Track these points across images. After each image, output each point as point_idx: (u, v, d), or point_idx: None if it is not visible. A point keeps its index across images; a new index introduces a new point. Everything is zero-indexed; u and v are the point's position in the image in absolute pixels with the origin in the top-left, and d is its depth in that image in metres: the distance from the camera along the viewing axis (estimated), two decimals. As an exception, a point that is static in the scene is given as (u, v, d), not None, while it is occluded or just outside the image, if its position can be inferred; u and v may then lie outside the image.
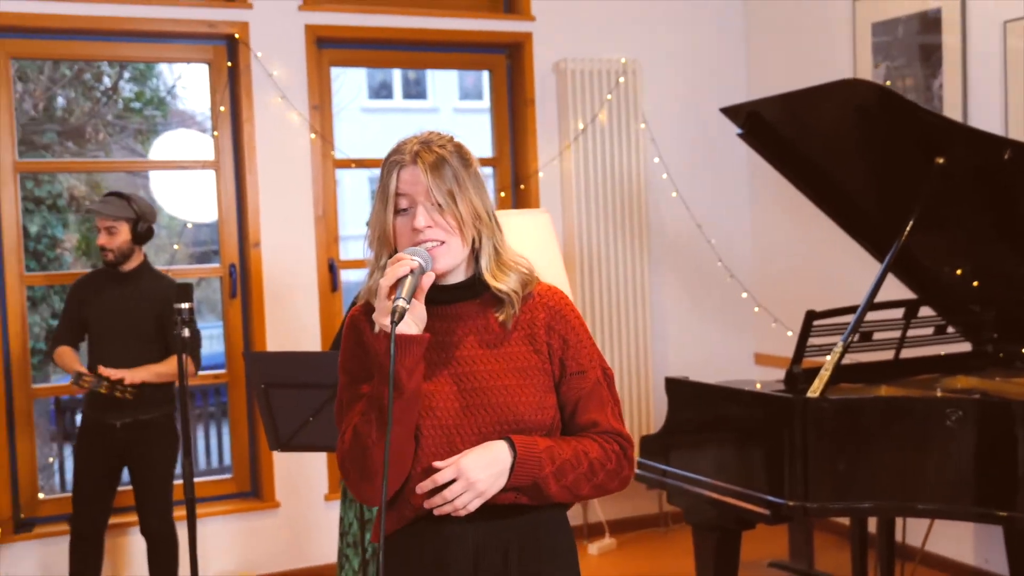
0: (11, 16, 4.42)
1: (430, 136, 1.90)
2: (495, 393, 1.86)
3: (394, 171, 1.85)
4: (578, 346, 1.94)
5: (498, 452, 1.82)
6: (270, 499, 4.81)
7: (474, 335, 1.90)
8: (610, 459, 1.93)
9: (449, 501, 1.80)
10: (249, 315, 4.86)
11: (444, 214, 1.83)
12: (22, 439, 4.54)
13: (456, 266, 1.88)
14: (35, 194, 8.83)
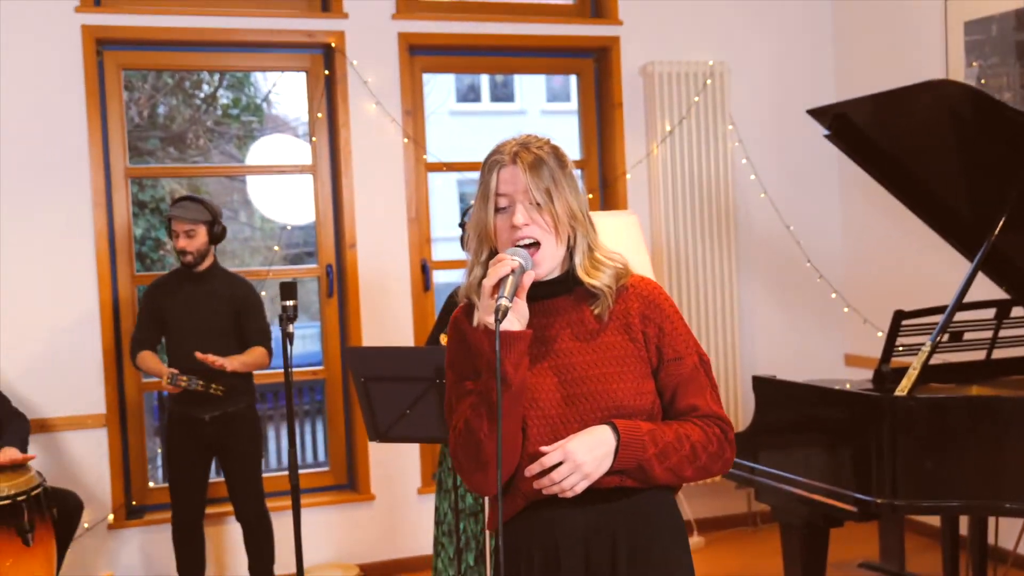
0: (122, 29, 4.67)
1: (528, 138, 2.00)
2: (594, 382, 1.94)
3: (494, 171, 1.95)
4: (673, 334, 2.00)
5: (602, 435, 1.89)
6: (365, 492, 4.97)
7: (571, 328, 1.98)
8: (712, 442, 1.98)
9: (557, 483, 1.88)
10: (345, 313, 5.03)
11: (541, 212, 1.92)
12: (133, 431, 4.78)
13: (554, 265, 1.97)
14: (139, 198, 9.21)
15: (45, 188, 4.56)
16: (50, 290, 4.57)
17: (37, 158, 4.55)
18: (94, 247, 4.63)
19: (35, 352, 4.54)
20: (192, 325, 4.26)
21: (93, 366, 4.63)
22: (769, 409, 3.69)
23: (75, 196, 4.61)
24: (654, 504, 1.99)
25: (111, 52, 4.73)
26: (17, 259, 4.52)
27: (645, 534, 1.97)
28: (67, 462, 4.57)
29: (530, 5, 5.45)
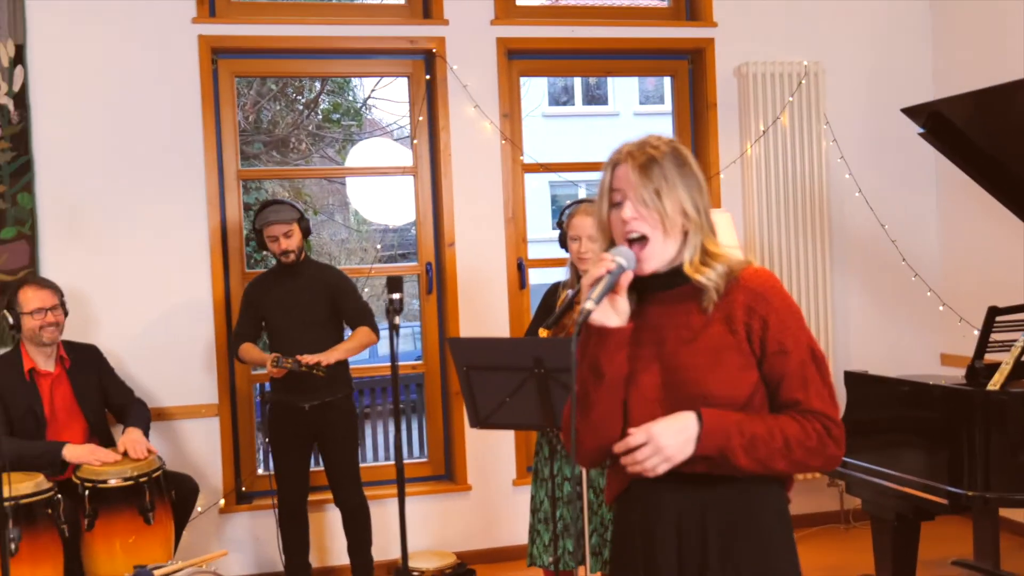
0: (235, 39, 4.91)
1: (648, 139, 2.09)
2: (689, 371, 2.02)
3: (610, 168, 2.07)
4: (780, 326, 2.02)
5: (686, 421, 1.96)
6: (462, 482, 5.13)
7: (676, 319, 2.06)
8: (810, 437, 1.97)
9: (639, 462, 1.97)
10: (444, 310, 5.20)
11: (650, 209, 2.02)
12: (243, 420, 5.03)
13: (663, 261, 2.05)
14: (244, 200, 9.56)
15: (164, 189, 4.83)
16: (167, 286, 4.83)
17: (157, 161, 4.82)
18: (208, 245, 4.89)
19: (154, 344, 4.81)
20: (291, 317, 4.47)
21: (206, 358, 4.88)
22: (861, 404, 3.74)
23: (191, 197, 4.87)
24: (751, 494, 2.03)
25: (225, 60, 4.98)
26: (138, 257, 4.80)
27: (739, 522, 2.02)
28: (183, 449, 4.83)
29: (625, 9, 5.56)
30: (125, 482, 3.90)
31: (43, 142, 4.69)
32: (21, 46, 4.64)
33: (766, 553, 2.04)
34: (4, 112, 4.63)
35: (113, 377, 4.48)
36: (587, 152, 12.36)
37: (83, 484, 3.90)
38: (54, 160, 4.71)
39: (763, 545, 2.04)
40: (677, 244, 2.04)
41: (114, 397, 4.43)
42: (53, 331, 4.19)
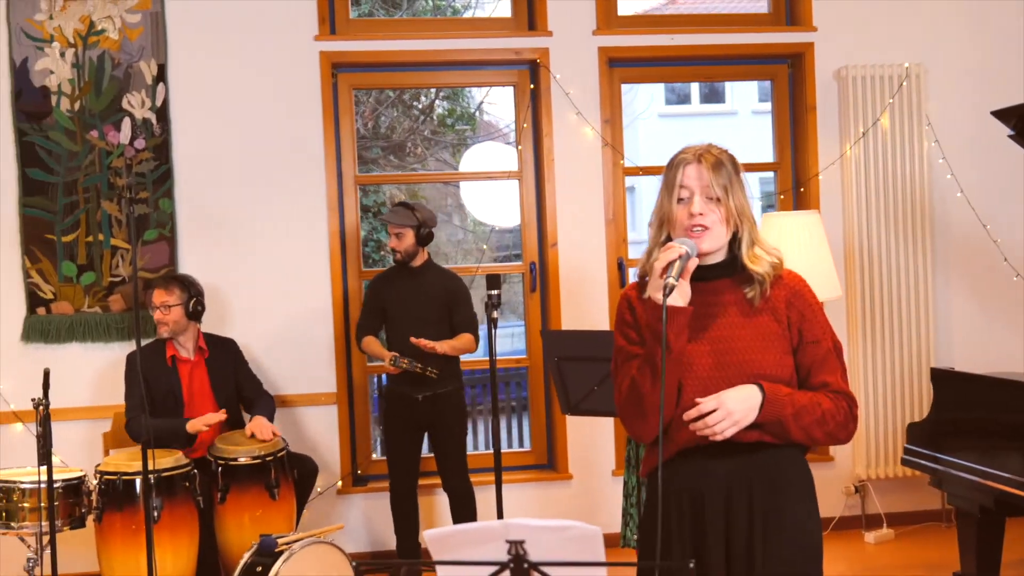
0: (354, 54, 5.28)
1: (710, 145, 2.38)
2: (743, 353, 2.30)
3: (680, 167, 2.34)
4: (813, 320, 2.34)
5: (750, 391, 2.25)
6: (564, 471, 5.39)
7: (728, 307, 2.34)
8: (839, 412, 2.31)
9: (711, 426, 2.23)
10: (547, 307, 5.47)
11: (717, 205, 2.28)
12: (359, 409, 5.39)
13: (717, 249, 2.33)
14: (362, 203, 10.01)
15: (288, 194, 5.23)
16: (292, 284, 5.23)
17: (282, 168, 5.23)
18: (328, 246, 5.27)
19: (278, 338, 5.22)
20: (409, 314, 4.81)
21: (326, 351, 5.26)
22: (947, 399, 3.83)
23: (313, 201, 5.25)
24: (788, 460, 2.34)
25: (344, 74, 5.36)
26: (265, 257, 5.21)
27: (778, 485, 2.31)
28: (304, 433, 5.23)
29: (725, 16, 5.73)
30: (253, 460, 4.30)
31: (182, 152, 5.15)
32: (163, 65, 5.11)
33: (802, 511, 2.34)
34: (148, 125, 5.09)
35: (246, 370, 4.89)
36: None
37: (216, 461, 4.32)
38: (191, 168, 5.16)
39: (799, 504, 2.33)
40: (728, 237, 2.32)
41: (245, 388, 4.84)
42: (162, 328, 4.61)
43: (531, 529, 1.74)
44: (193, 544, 4.22)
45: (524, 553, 1.71)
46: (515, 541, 1.72)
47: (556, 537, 1.73)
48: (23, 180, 5.04)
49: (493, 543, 1.70)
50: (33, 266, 5.06)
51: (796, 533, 2.31)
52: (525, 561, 1.70)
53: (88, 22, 5.05)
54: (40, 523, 4.01)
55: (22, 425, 5.02)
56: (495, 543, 1.70)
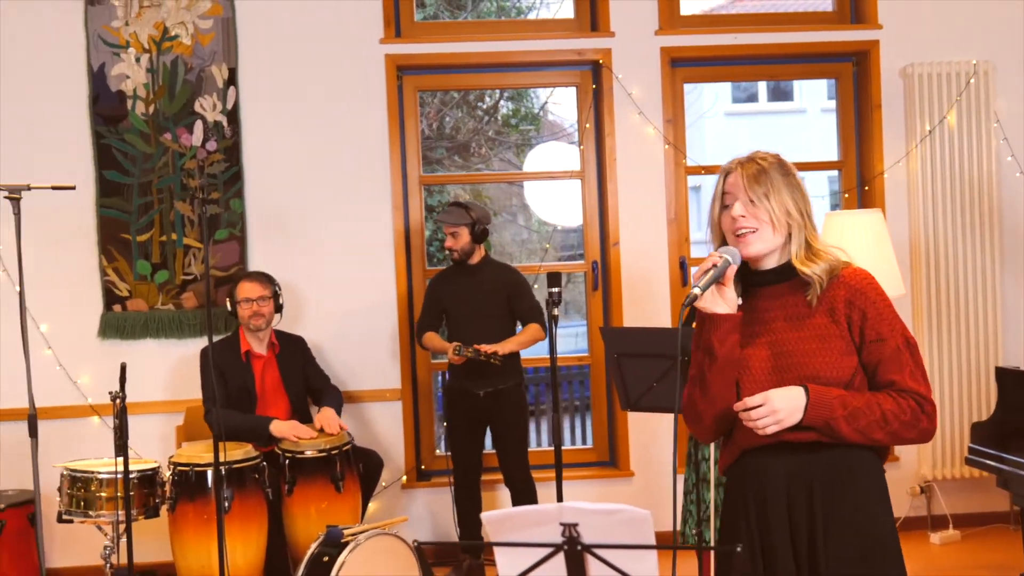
0: (419, 56, 5.38)
1: (755, 153, 2.41)
2: (798, 356, 2.32)
3: (722, 177, 2.39)
4: (877, 318, 2.31)
5: (796, 392, 2.26)
6: (625, 468, 5.43)
7: (784, 310, 2.36)
8: (904, 412, 2.26)
9: (754, 420, 2.25)
10: (609, 305, 5.51)
11: (757, 209, 2.31)
12: (423, 405, 5.49)
13: (767, 252, 2.36)
14: (427, 202, 10.14)
15: (354, 194, 5.34)
16: (357, 282, 5.34)
17: (348, 168, 5.34)
18: (393, 245, 5.37)
19: (345, 335, 5.33)
20: (469, 310, 4.89)
21: (391, 348, 5.37)
22: (1013, 399, 3.80)
23: (378, 201, 5.36)
24: (851, 459, 2.31)
25: (409, 76, 5.46)
26: (332, 256, 5.33)
27: (840, 483, 2.30)
28: (370, 429, 5.33)
29: (789, 15, 5.70)
30: (319, 453, 4.41)
31: (252, 154, 5.29)
32: (233, 69, 5.25)
33: (866, 512, 2.30)
34: (219, 128, 5.24)
35: (314, 365, 5.01)
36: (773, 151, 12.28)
37: (283, 454, 4.43)
38: (261, 169, 5.29)
39: (863, 505, 2.31)
40: (781, 240, 2.34)
41: (314, 382, 4.96)
42: (259, 320, 4.75)
43: (584, 512, 1.79)
44: (262, 534, 4.34)
45: (578, 536, 1.76)
46: (569, 524, 1.77)
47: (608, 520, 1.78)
48: (100, 182, 5.22)
49: (548, 525, 1.76)
50: (109, 265, 5.24)
51: (861, 534, 2.30)
52: (579, 543, 1.75)
53: (162, 28, 5.21)
54: (116, 512, 4.16)
55: (99, 418, 5.20)
56: (550, 526, 1.76)
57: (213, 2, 5.23)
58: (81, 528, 4.82)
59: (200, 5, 5.22)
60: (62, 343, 5.22)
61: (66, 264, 5.22)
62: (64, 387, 5.20)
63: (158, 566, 5.08)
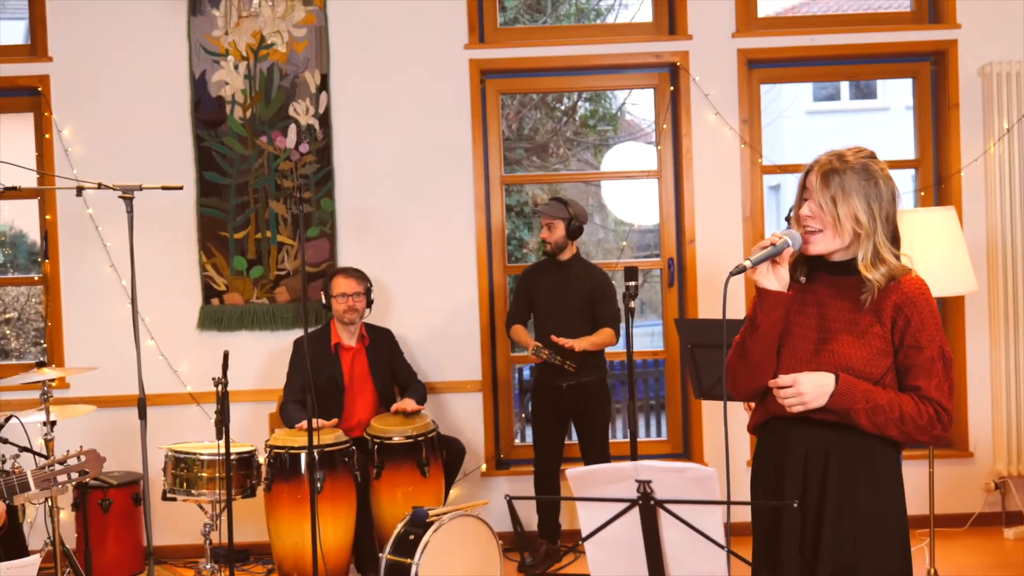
0: (501, 61, 5.58)
1: (843, 151, 2.54)
2: (839, 345, 2.50)
3: (806, 172, 2.56)
4: (920, 327, 2.47)
5: (826, 379, 2.45)
6: (699, 461, 5.55)
7: (838, 300, 2.54)
8: (922, 417, 2.44)
9: (783, 398, 2.45)
10: (684, 302, 5.64)
11: (824, 211, 2.47)
12: (502, 396, 5.69)
13: (829, 252, 2.53)
14: (506, 203, 10.36)
15: (438, 194, 5.57)
16: (441, 278, 5.56)
17: (432, 169, 5.56)
18: (475, 243, 5.58)
19: (430, 329, 5.56)
20: (555, 306, 5.08)
21: (472, 341, 5.58)
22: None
23: (461, 200, 5.57)
24: (870, 445, 2.49)
25: (492, 80, 5.66)
26: (417, 253, 5.56)
27: (856, 466, 2.48)
28: (452, 418, 5.55)
29: (866, 15, 5.76)
30: (406, 440, 4.64)
31: (342, 155, 5.54)
32: (325, 75, 5.51)
33: (877, 498, 2.49)
34: (311, 131, 5.51)
35: (401, 357, 5.24)
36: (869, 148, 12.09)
37: (372, 440, 4.67)
38: (350, 170, 5.55)
39: (875, 490, 2.49)
40: (846, 242, 2.50)
41: (400, 374, 5.20)
42: (352, 314, 5.00)
43: (656, 470, 1.97)
44: (351, 514, 4.58)
45: (651, 492, 1.94)
46: (643, 480, 1.95)
47: (677, 478, 1.95)
48: (200, 182, 5.52)
49: (625, 482, 1.93)
50: (208, 260, 5.54)
51: (868, 518, 2.47)
52: (652, 499, 1.92)
53: (259, 37, 5.50)
54: (217, 492, 4.43)
55: (197, 406, 5.50)
56: (626, 482, 1.94)
57: (307, 12, 5.50)
58: (182, 508, 5.13)
59: (295, 15, 5.50)
60: (164, 334, 5.54)
61: (168, 260, 5.54)
62: (165, 375, 5.52)
63: (254, 546, 5.36)
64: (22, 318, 10.25)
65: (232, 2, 5.48)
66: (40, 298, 5.69)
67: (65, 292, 5.56)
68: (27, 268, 9.75)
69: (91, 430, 5.21)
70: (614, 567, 1.96)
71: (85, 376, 5.30)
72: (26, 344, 10.12)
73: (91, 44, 5.53)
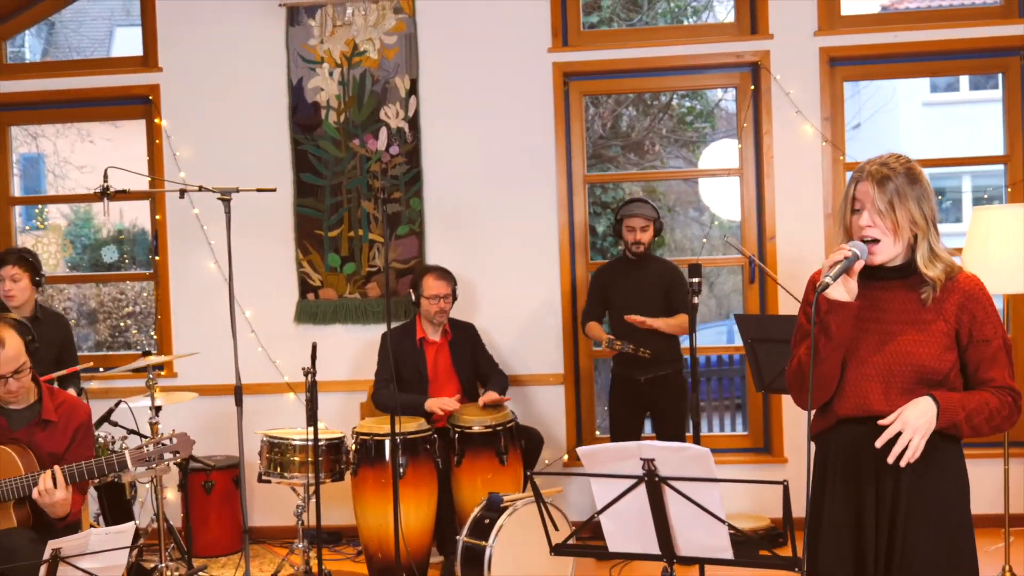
0: (585, 63, 5.73)
1: (887, 158, 2.63)
2: (906, 345, 2.57)
3: (854, 183, 2.64)
4: (985, 321, 2.57)
5: (926, 405, 2.52)
6: (779, 455, 5.62)
7: (900, 303, 2.61)
8: (1005, 407, 2.57)
9: (904, 448, 2.49)
10: (765, 299, 5.71)
11: (884, 218, 2.55)
12: (584, 389, 5.85)
13: (890, 259, 2.60)
14: (602, 199, 10.48)
15: (522, 193, 5.75)
16: (525, 274, 5.75)
17: (517, 169, 5.76)
18: (557, 240, 5.75)
19: (514, 323, 5.76)
20: (630, 303, 5.22)
21: (555, 336, 5.75)
22: None
23: (544, 199, 5.75)
24: (939, 445, 2.56)
25: (575, 82, 5.82)
26: (501, 250, 5.77)
27: (927, 464, 2.55)
28: (533, 410, 5.74)
29: (952, 11, 5.71)
30: (485, 429, 4.84)
31: (430, 157, 5.78)
32: (415, 80, 5.76)
33: (948, 497, 2.58)
34: (401, 133, 5.76)
35: (483, 351, 5.45)
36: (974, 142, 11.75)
37: (453, 428, 4.89)
38: (438, 171, 5.78)
39: (945, 482, 2.58)
40: (903, 245, 2.58)
41: (482, 367, 5.40)
42: (442, 316, 5.22)
43: (658, 449, 2.12)
44: (432, 499, 4.80)
45: (655, 469, 2.09)
46: (647, 459, 2.10)
47: (677, 456, 2.10)
48: (297, 183, 5.83)
49: (631, 460, 2.09)
50: (304, 258, 5.85)
51: (941, 517, 2.56)
52: (656, 476, 2.08)
53: (352, 44, 5.77)
54: (307, 475, 4.71)
55: (293, 395, 5.82)
56: (632, 460, 2.09)
57: (397, 19, 5.75)
58: (277, 490, 5.44)
59: (386, 23, 5.76)
60: (263, 327, 5.87)
61: (268, 257, 5.86)
62: (264, 366, 5.84)
63: (344, 529, 5.65)
64: (142, 312, 10.85)
65: (327, 12, 5.77)
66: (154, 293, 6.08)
67: (173, 287, 5.94)
68: (146, 264, 10.32)
69: (194, 416, 5.57)
70: (627, 538, 2.12)
71: (189, 365, 5.65)
72: (145, 337, 10.71)
73: (197, 55, 5.90)
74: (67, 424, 3.74)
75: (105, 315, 10.88)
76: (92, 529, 3.05)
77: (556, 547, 2.46)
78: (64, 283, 10.66)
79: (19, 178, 6.30)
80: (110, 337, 10.89)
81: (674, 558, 2.23)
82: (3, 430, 3.64)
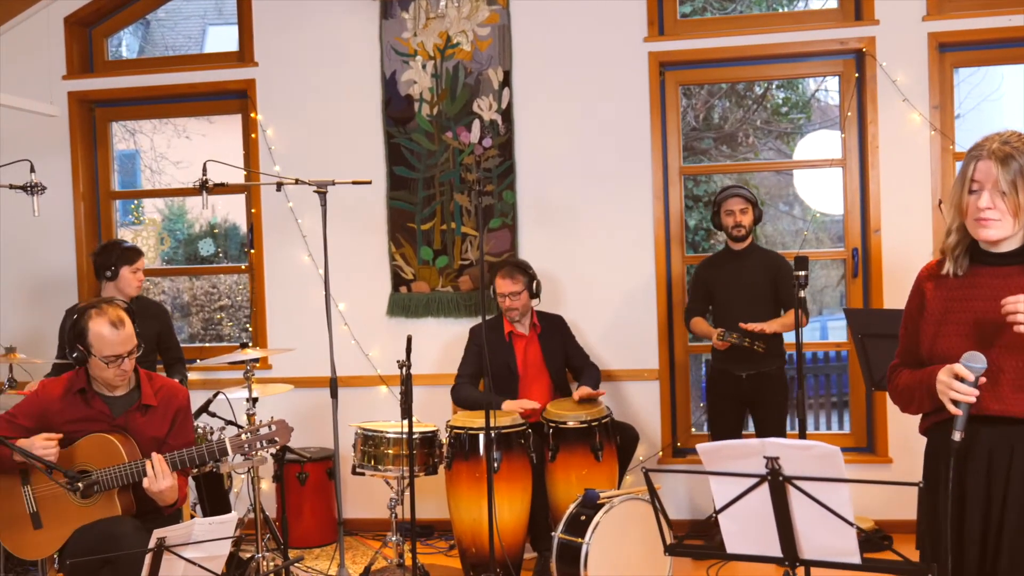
0: (681, 53, 5.61)
1: (1009, 135, 2.50)
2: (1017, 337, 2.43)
3: (973, 161, 2.50)
4: None
5: None
6: (883, 455, 5.43)
7: (1008, 290, 2.47)
8: None
9: None
10: (869, 293, 5.52)
11: (1005, 199, 2.41)
12: (680, 385, 5.73)
13: (1005, 239, 2.49)
14: (694, 193, 10.31)
15: (617, 184, 5.65)
16: (619, 267, 5.66)
17: (611, 161, 5.66)
18: (652, 232, 5.64)
19: (608, 317, 5.66)
20: (735, 294, 5.10)
21: (650, 330, 5.64)
22: None
23: (639, 190, 5.64)
24: None
25: (671, 72, 5.70)
26: (595, 243, 5.67)
27: None
28: (627, 405, 5.64)
29: (1071, -8, 5.43)
30: (580, 424, 4.76)
31: (523, 149, 5.72)
32: (508, 72, 5.70)
33: None
34: (494, 126, 5.71)
35: (574, 343, 5.37)
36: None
37: (548, 424, 4.82)
38: (531, 163, 5.72)
39: None
40: (1019, 229, 2.46)
41: (573, 360, 5.32)
42: (513, 312, 5.15)
43: (783, 447, 2.02)
44: (527, 494, 4.74)
45: (779, 468, 1.98)
46: (771, 457, 2.00)
47: (803, 455, 1.99)
48: (390, 176, 5.82)
49: (754, 458, 1.99)
50: (397, 251, 5.84)
51: None
52: (780, 475, 1.97)
53: (445, 37, 5.74)
54: (401, 468, 4.68)
55: (386, 388, 5.81)
56: (755, 458, 1.99)
57: (491, 11, 5.70)
58: (371, 483, 5.45)
59: (479, 14, 5.71)
60: (356, 320, 5.87)
61: (361, 250, 5.87)
62: (357, 359, 5.85)
63: (437, 523, 5.63)
64: (234, 305, 11.03)
65: (420, 5, 5.74)
66: (248, 286, 6.14)
67: (268, 280, 5.99)
68: (238, 258, 10.48)
69: (289, 407, 5.60)
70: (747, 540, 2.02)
71: (285, 358, 5.69)
72: (237, 330, 10.89)
73: (292, 50, 5.93)
74: (167, 408, 3.77)
75: (198, 308, 11.10)
76: (195, 519, 3.06)
77: (670, 547, 2.37)
78: (159, 276, 10.88)
79: (116, 174, 6.41)
80: (203, 330, 11.10)
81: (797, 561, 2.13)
82: (107, 417, 3.68)
